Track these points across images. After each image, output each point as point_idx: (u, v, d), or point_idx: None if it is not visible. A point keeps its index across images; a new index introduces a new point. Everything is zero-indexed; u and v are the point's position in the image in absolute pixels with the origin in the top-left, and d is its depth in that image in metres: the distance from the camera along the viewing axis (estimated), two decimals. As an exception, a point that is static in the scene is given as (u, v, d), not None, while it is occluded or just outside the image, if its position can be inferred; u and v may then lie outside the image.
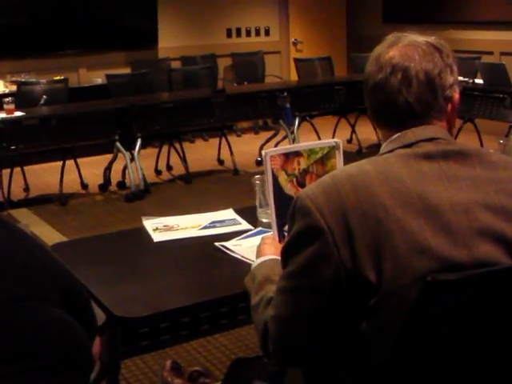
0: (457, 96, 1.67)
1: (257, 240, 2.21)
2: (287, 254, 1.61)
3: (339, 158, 2.29)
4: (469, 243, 1.49)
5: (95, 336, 1.71)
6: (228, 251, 2.32)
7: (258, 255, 2.05)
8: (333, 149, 2.29)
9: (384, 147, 1.66)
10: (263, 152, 2.23)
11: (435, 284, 1.40)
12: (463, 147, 1.62)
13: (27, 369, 1.37)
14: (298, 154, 2.25)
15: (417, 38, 1.66)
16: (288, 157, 2.24)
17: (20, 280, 1.43)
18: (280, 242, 2.16)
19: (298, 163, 2.25)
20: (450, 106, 1.66)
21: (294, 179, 2.25)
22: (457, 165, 1.56)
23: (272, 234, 2.23)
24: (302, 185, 2.24)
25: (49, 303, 1.47)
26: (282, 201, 2.21)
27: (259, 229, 2.50)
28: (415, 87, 1.61)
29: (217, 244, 2.37)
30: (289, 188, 2.24)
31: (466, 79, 7.40)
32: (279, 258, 1.70)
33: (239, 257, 2.27)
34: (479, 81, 7.52)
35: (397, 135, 1.63)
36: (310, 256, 1.52)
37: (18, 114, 6.43)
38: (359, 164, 1.59)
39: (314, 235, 1.51)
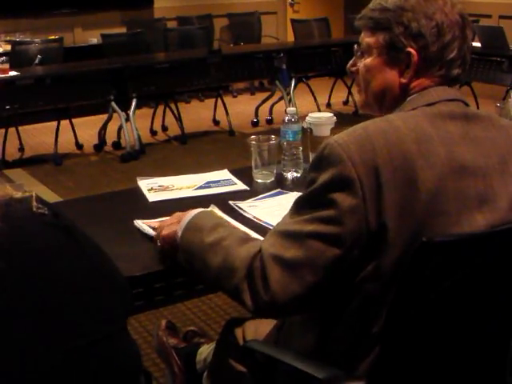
0: None
1: (273, 201, 2.19)
2: (309, 200, 1.56)
3: None
4: (483, 209, 1.51)
5: None
6: (242, 211, 2.25)
7: (182, 218, 1.87)
8: None
9: (405, 104, 1.64)
10: None
11: (430, 245, 1.40)
12: (478, 111, 1.67)
13: None
14: None
15: None
16: None
17: (108, 314, 1.37)
18: None
19: None
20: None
21: None
22: (477, 127, 1.59)
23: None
24: None
25: (126, 331, 1.43)
26: None
27: (278, 190, 2.45)
28: (470, 48, 1.69)
29: (231, 203, 2.31)
30: None
31: (464, 42, 7.34)
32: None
33: (251, 217, 2.21)
34: (477, 44, 7.46)
35: (417, 94, 1.63)
36: (335, 205, 1.47)
37: (13, 73, 6.38)
38: (387, 119, 1.56)
39: (343, 185, 1.47)
